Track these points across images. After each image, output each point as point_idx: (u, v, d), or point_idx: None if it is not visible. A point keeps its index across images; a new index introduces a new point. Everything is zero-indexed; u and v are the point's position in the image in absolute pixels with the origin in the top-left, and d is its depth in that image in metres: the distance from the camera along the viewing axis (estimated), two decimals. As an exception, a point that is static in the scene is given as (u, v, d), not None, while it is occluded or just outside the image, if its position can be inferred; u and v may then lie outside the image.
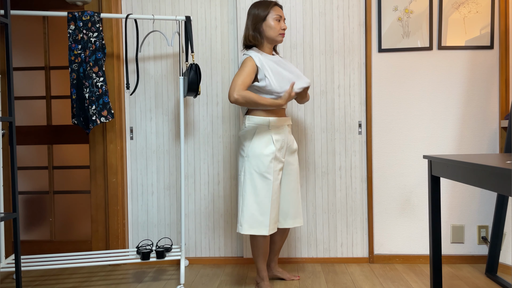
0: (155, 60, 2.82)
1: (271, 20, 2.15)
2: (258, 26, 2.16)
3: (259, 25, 2.16)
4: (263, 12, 2.15)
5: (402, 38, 2.68)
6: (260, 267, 2.25)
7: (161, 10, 2.80)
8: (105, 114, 2.44)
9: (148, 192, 2.83)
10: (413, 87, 2.71)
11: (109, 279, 2.53)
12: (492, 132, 2.68)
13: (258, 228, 2.13)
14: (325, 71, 2.74)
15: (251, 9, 2.20)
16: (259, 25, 2.16)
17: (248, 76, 2.09)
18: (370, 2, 2.68)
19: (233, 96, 2.03)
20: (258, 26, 2.17)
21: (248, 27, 2.19)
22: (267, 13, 2.15)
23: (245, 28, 2.23)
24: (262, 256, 2.22)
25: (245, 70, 2.10)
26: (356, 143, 2.74)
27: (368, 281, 2.43)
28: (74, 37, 2.39)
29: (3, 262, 2.40)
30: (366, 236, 2.75)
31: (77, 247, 2.95)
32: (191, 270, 2.69)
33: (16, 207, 1.92)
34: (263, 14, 2.15)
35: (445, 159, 1.70)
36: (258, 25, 2.16)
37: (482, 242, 2.70)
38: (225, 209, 2.81)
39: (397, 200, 2.73)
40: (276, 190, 2.16)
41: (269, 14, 2.15)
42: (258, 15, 2.15)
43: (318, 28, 2.73)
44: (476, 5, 2.64)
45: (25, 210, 3.02)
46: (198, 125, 2.81)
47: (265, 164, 2.12)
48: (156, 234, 2.84)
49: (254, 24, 2.16)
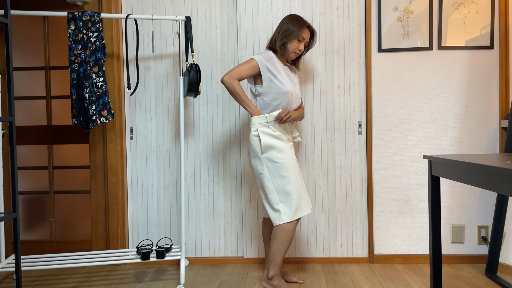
0: (155, 60, 2.82)
1: (295, 40, 2.26)
2: (285, 40, 2.26)
3: (286, 39, 2.26)
4: (297, 31, 2.25)
5: (402, 38, 2.68)
6: (279, 262, 2.23)
7: (161, 10, 2.80)
8: (105, 114, 2.44)
9: (148, 192, 2.83)
10: (413, 87, 2.71)
11: (109, 279, 2.53)
12: (492, 132, 2.68)
13: (302, 211, 2.21)
14: (325, 71, 2.74)
15: (288, 20, 2.29)
16: (286, 39, 2.26)
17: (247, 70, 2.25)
18: (370, 2, 2.69)
19: (223, 77, 2.24)
20: (285, 39, 2.26)
21: (277, 34, 2.29)
22: (298, 33, 2.25)
23: (275, 33, 2.32)
24: (284, 251, 2.22)
25: (244, 64, 2.26)
26: (356, 143, 2.74)
27: (368, 281, 2.43)
28: (74, 37, 2.39)
29: (3, 262, 2.40)
30: (366, 236, 2.75)
31: (77, 247, 2.95)
32: (191, 270, 2.69)
33: (16, 207, 1.92)
34: (296, 33, 2.25)
35: (445, 159, 1.70)
36: (285, 39, 2.26)
37: (482, 242, 2.70)
38: (225, 209, 2.81)
39: (397, 200, 2.73)
40: (295, 167, 2.25)
41: (298, 35, 2.25)
42: (291, 32, 2.26)
43: (318, 28, 2.73)
44: (476, 5, 2.64)
45: (25, 210, 3.02)
46: (198, 125, 2.81)
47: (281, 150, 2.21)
48: (156, 234, 2.84)
49: (283, 36, 2.27)
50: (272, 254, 2.23)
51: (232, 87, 2.22)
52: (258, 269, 2.67)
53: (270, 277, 2.23)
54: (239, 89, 2.23)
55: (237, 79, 2.24)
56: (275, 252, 2.21)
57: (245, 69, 2.25)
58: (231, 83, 2.22)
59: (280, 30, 2.28)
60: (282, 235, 2.19)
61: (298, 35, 2.25)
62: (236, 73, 2.23)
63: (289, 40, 2.25)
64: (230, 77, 2.22)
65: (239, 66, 2.25)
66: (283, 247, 2.20)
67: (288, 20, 2.28)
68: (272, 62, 2.26)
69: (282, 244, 2.20)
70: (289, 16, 2.31)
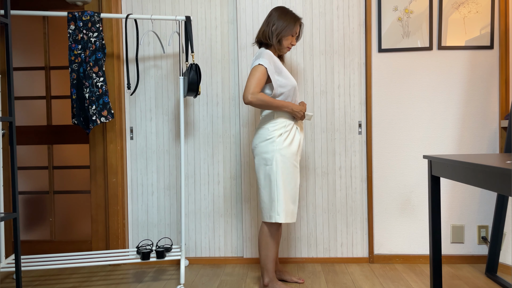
0: (155, 60, 2.82)
1: (290, 36, 2.23)
2: (281, 37, 2.21)
3: (282, 36, 2.21)
4: (292, 27, 2.21)
5: (402, 38, 2.68)
6: (270, 268, 2.23)
7: (161, 10, 2.80)
8: (105, 114, 2.44)
9: (148, 192, 2.83)
10: (413, 87, 2.71)
11: (109, 279, 2.53)
12: (492, 132, 2.68)
13: (292, 216, 2.20)
14: (325, 71, 2.74)
15: (279, 15, 2.22)
16: (282, 36, 2.21)
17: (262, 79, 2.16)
18: (370, 2, 2.68)
19: (247, 98, 2.12)
20: (281, 36, 2.21)
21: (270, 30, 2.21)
22: (294, 29, 2.22)
23: (264, 26, 2.24)
24: (273, 255, 2.23)
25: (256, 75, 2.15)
26: (356, 143, 2.74)
27: (368, 281, 2.43)
28: (74, 37, 2.39)
29: (3, 262, 2.40)
30: (366, 236, 2.75)
31: (77, 247, 2.95)
32: (191, 270, 2.69)
33: (16, 207, 1.92)
34: (291, 30, 2.21)
35: (445, 159, 1.70)
36: (282, 35, 2.21)
37: (482, 242, 2.70)
38: (225, 209, 2.81)
39: (397, 199, 2.73)
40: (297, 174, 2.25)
41: (294, 31, 2.23)
42: (287, 28, 2.21)
43: (318, 28, 2.73)
44: (476, 5, 2.64)
45: (25, 210, 3.02)
46: (198, 125, 2.81)
47: (294, 153, 2.20)
48: (156, 234, 2.84)
49: (278, 32, 2.20)
50: (262, 261, 2.24)
51: (262, 101, 2.13)
52: (258, 269, 2.67)
53: (266, 283, 2.24)
54: (267, 98, 2.14)
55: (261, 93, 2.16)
56: (264, 258, 2.23)
57: (261, 78, 2.14)
58: (258, 99, 2.12)
59: (272, 25, 2.20)
60: (265, 239, 2.21)
61: (293, 31, 2.22)
62: (256, 88, 2.12)
63: (284, 36, 2.21)
64: (253, 94, 2.11)
65: (253, 79, 2.13)
66: (269, 251, 2.22)
67: (280, 15, 2.22)
68: (274, 60, 2.19)
69: (268, 247, 2.22)
70: (279, 10, 2.24)
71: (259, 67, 2.15)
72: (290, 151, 2.18)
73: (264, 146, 2.20)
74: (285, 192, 2.17)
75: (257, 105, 2.15)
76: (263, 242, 2.22)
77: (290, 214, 2.18)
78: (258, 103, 2.13)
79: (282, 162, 2.16)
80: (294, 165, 2.19)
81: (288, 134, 2.20)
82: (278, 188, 2.16)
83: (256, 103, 2.13)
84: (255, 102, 2.12)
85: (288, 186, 2.17)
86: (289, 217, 2.18)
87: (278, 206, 2.16)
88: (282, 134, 2.19)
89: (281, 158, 2.16)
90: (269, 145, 2.18)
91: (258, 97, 2.12)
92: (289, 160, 2.18)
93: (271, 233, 2.21)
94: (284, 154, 2.17)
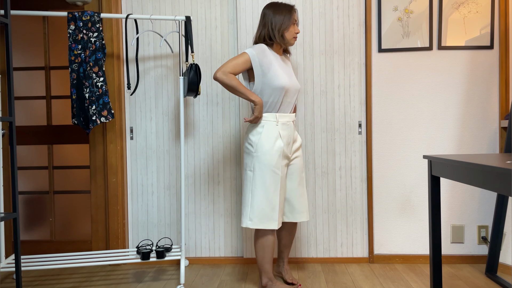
0: (155, 60, 2.82)
1: (291, 25, 2.22)
2: (283, 30, 2.20)
3: (283, 29, 2.20)
4: (289, 17, 2.20)
5: (402, 38, 2.68)
6: (267, 269, 2.23)
7: (161, 10, 2.80)
8: (105, 114, 2.44)
9: (148, 192, 2.83)
10: (413, 87, 2.71)
11: (109, 279, 2.53)
12: (492, 132, 2.68)
13: (268, 223, 2.16)
14: (325, 71, 2.74)
15: (274, 11, 2.21)
16: (283, 29, 2.20)
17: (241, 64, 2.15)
18: (370, 2, 2.69)
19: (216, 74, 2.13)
20: (283, 29, 2.20)
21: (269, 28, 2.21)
22: (291, 19, 2.21)
23: (261, 28, 2.24)
24: (269, 256, 2.22)
25: (237, 58, 2.16)
26: (356, 143, 2.74)
27: (368, 281, 2.43)
28: (74, 37, 2.39)
29: (3, 262, 2.40)
30: (366, 236, 2.75)
31: (77, 247, 2.95)
32: (191, 270, 2.69)
33: (16, 207, 1.92)
34: (289, 20, 2.20)
35: (445, 159, 1.70)
36: (283, 29, 2.20)
37: (482, 242, 2.70)
38: (225, 209, 2.81)
39: (397, 200, 2.73)
40: (283, 185, 2.22)
41: (292, 20, 2.21)
42: (285, 20, 2.20)
43: (318, 28, 2.73)
44: (476, 5, 2.64)
45: (25, 210, 3.02)
46: (198, 125, 2.81)
47: (274, 159, 2.16)
48: (156, 234, 2.84)
49: (279, 28, 2.20)
50: (258, 263, 2.24)
51: (229, 81, 2.11)
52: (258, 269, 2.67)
53: (264, 284, 2.24)
54: (236, 82, 2.12)
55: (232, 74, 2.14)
56: (260, 259, 2.23)
57: (239, 63, 2.14)
58: (226, 78, 2.11)
59: (271, 24, 2.20)
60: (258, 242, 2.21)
61: (292, 20, 2.21)
62: (230, 68, 2.12)
63: (286, 29, 2.20)
64: (223, 72, 2.11)
65: (231, 60, 2.14)
66: (262, 253, 2.22)
67: (274, 11, 2.21)
68: (264, 55, 2.16)
69: (260, 250, 2.22)
70: (272, 7, 2.23)
71: (244, 54, 2.17)
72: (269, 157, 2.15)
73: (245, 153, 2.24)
74: (260, 198, 2.15)
75: (224, 85, 2.14)
76: (258, 244, 2.22)
77: (266, 220, 2.15)
78: (224, 82, 2.12)
79: (259, 169, 2.16)
80: (274, 172, 2.15)
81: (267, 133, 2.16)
82: (253, 195, 2.17)
83: (222, 81, 2.12)
84: (221, 81, 2.12)
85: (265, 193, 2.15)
86: (265, 224, 2.15)
87: (251, 212, 2.17)
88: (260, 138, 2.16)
89: (258, 165, 2.16)
90: (248, 152, 2.22)
91: (228, 77, 2.11)
92: (267, 167, 2.15)
93: (263, 235, 2.20)
94: (261, 161, 2.15)
